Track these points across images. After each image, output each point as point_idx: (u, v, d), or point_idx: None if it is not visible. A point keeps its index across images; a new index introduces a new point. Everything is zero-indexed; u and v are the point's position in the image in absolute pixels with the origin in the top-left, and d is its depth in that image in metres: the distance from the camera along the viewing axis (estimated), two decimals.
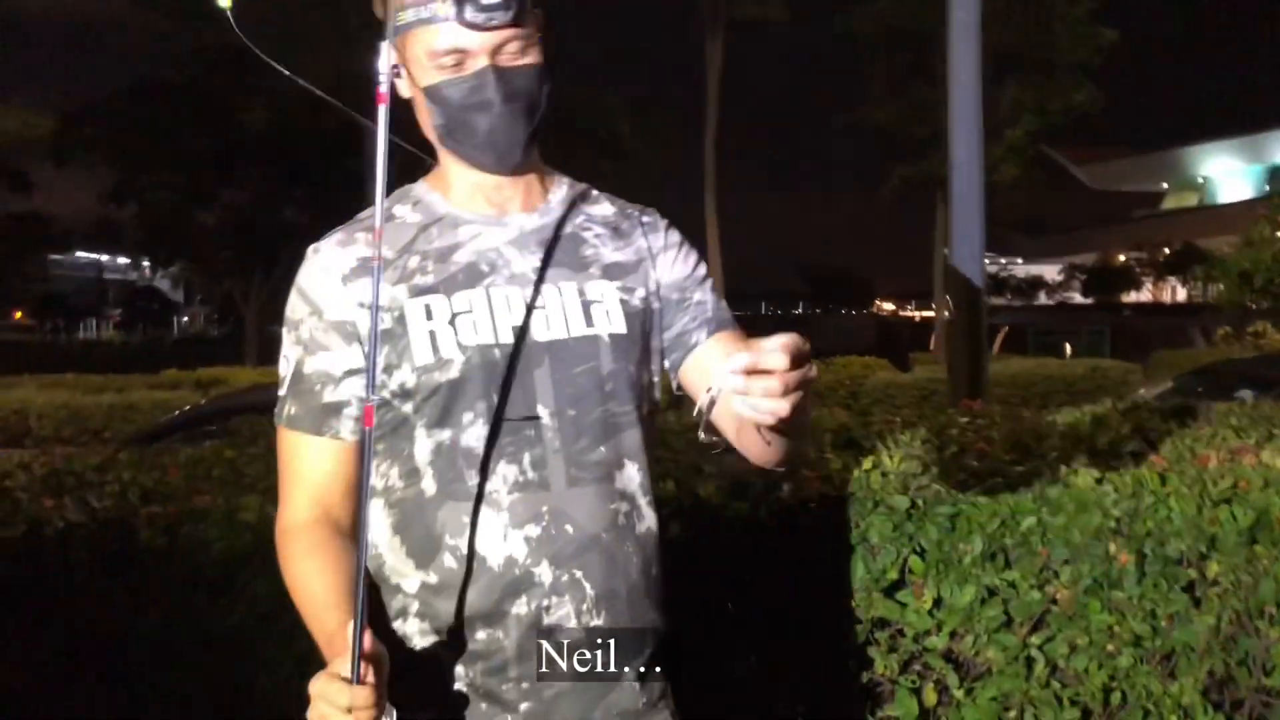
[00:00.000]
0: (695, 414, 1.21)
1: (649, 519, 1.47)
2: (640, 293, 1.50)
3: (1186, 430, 3.18)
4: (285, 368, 1.48)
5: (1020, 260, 56.96)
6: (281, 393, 1.48)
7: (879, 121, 27.66)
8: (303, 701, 1.52)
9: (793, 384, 1.12)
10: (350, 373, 1.45)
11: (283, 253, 25.21)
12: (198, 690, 2.36)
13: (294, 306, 1.48)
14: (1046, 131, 27.58)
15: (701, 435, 1.24)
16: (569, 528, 1.39)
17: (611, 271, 1.50)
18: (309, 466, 1.45)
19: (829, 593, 2.57)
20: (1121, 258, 48.58)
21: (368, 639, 1.21)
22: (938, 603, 2.64)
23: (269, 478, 2.82)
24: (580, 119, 22.57)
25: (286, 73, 1.69)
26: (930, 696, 2.67)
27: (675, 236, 1.58)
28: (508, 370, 1.41)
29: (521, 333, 1.42)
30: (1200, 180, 50.78)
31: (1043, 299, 51.99)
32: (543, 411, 1.41)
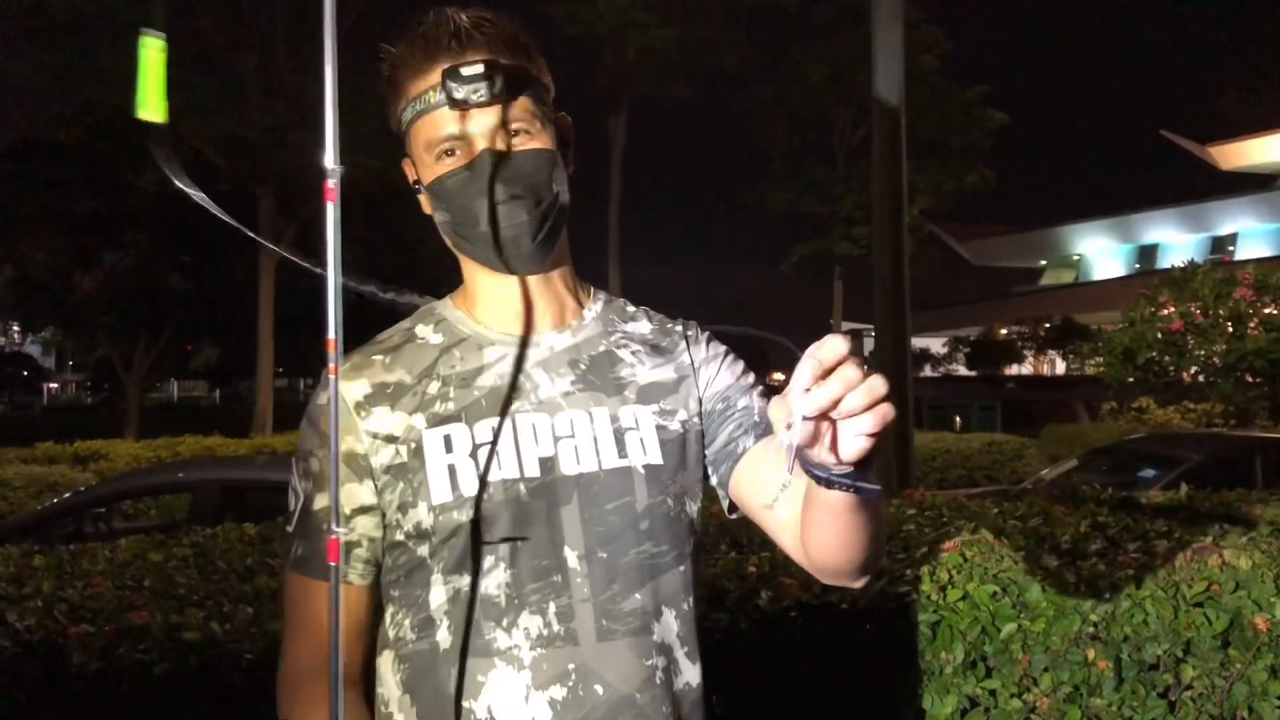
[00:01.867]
0: (787, 466, 0.98)
1: (688, 673, 1.31)
2: (680, 415, 1.37)
3: (1139, 524, 3.18)
4: (293, 502, 1.34)
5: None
6: (289, 529, 1.34)
7: (778, 200, 28.22)
8: None
9: (878, 394, 0.96)
10: (360, 510, 1.31)
11: (168, 319, 24.39)
12: None
13: (305, 436, 1.34)
14: (935, 211, 28.50)
15: (789, 469, 0.99)
16: (599, 688, 1.24)
17: (648, 394, 1.36)
18: (316, 613, 1.29)
19: (813, 704, 2.47)
20: (1004, 331, 50.21)
21: None
22: (919, 716, 2.57)
23: (205, 587, 2.63)
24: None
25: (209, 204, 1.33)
26: None
27: (719, 348, 1.45)
28: (533, 508, 1.27)
29: (548, 465, 1.29)
30: (1076, 257, 52.96)
31: (928, 371, 53.32)
32: (570, 555, 1.27)
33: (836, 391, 0.94)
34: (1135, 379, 17.99)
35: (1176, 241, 43.77)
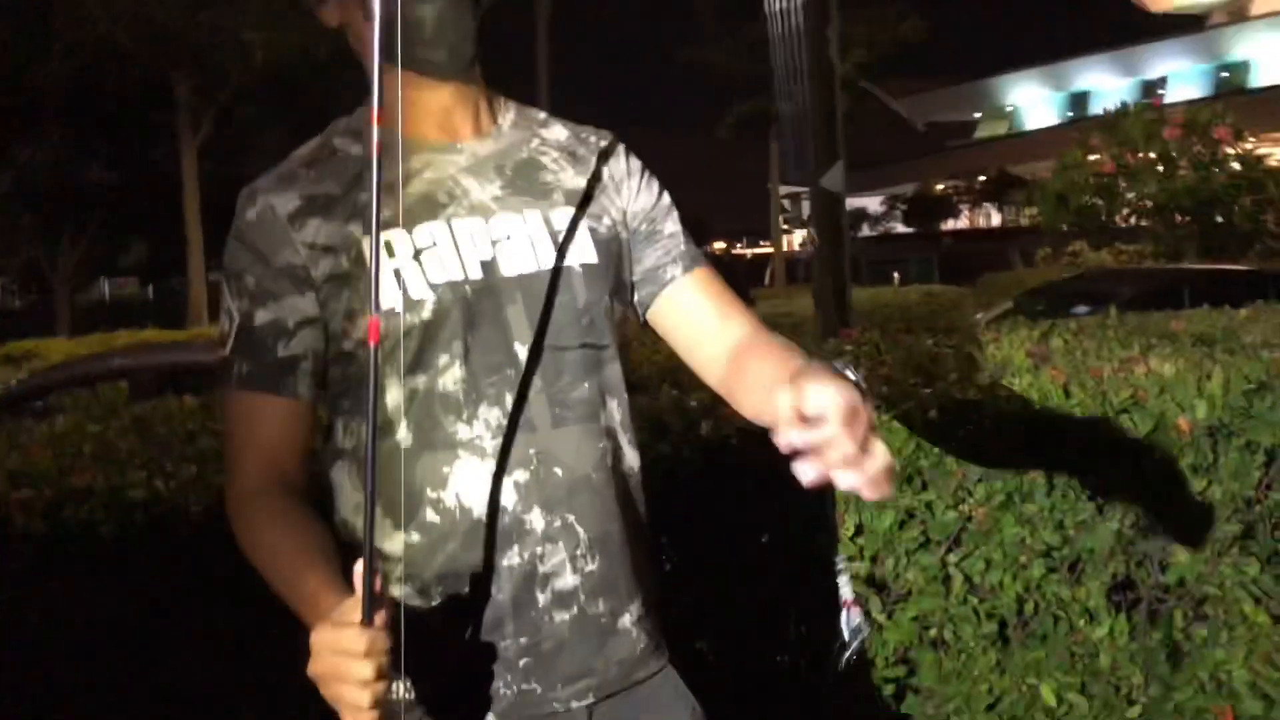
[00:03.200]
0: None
1: (630, 457, 1.40)
2: (606, 220, 1.41)
3: (1070, 344, 3.27)
4: (227, 324, 1.34)
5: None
6: (226, 352, 1.34)
7: (713, 60, 27.71)
8: (213, 687, 1.37)
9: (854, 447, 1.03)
10: (304, 323, 1.32)
11: (91, 215, 23.69)
12: (92, 683, 2.17)
13: (234, 256, 1.34)
14: (869, 65, 28.23)
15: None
16: (558, 470, 1.31)
17: (575, 198, 1.39)
18: (264, 429, 1.32)
19: (756, 527, 2.55)
20: (940, 187, 50.46)
21: (378, 579, 1.09)
22: (859, 529, 2.65)
23: (145, 452, 2.61)
24: None
25: None
26: None
27: (636, 163, 1.47)
28: (480, 307, 1.31)
29: (489, 267, 1.32)
30: (1009, 108, 53.02)
31: (866, 230, 53.61)
32: (521, 350, 1.32)
33: (820, 442, 1.02)
34: (1069, 225, 18.26)
35: (1108, 87, 43.85)
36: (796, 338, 4.29)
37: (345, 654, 1.05)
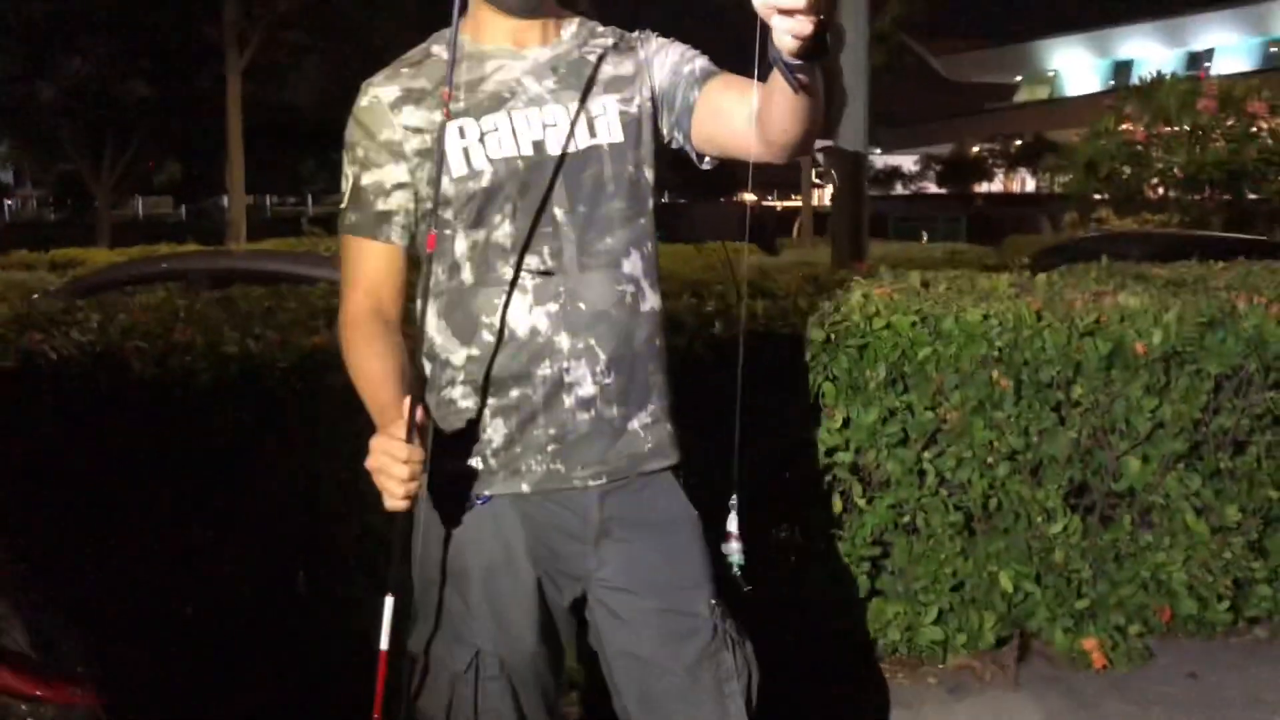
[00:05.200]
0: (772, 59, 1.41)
1: (651, 299, 1.74)
2: (637, 100, 1.74)
3: (1052, 280, 3.60)
4: (345, 184, 1.73)
5: (879, 150, 58.15)
6: (342, 206, 1.73)
7: (742, 2, 27.54)
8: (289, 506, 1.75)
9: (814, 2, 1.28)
10: (399, 186, 1.70)
11: (134, 130, 24.03)
12: (191, 502, 2.58)
13: (351, 131, 1.72)
14: (909, 20, 28.06)
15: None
16: (582, 305, 1.67)
17: (612, 86, 1.74)
18: (367, 267, 1.71)
19: (760, 416, 2.91)
20: (975, 149, 50.12)
21: (419, 412, 1.50)
22: (846, 422, 3.02)
23: (231, 320, 3.01)
24: None
25: None
26: (837, 505, 3.08)
27: (665, 39, 1.81)
28: (528, 178, 1.67)
29: (539, 146, 1.68)
30: (1051, 73, 52.44)
31: (899, 189, 53.41)
32: (558, 211, 1.68)
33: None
34: (1098, 192, 18.39)
35: (1153, 57, 43.29)
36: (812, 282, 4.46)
37: (391, 457, 1.48)
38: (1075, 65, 51.27)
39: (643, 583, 1.73)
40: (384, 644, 1.57)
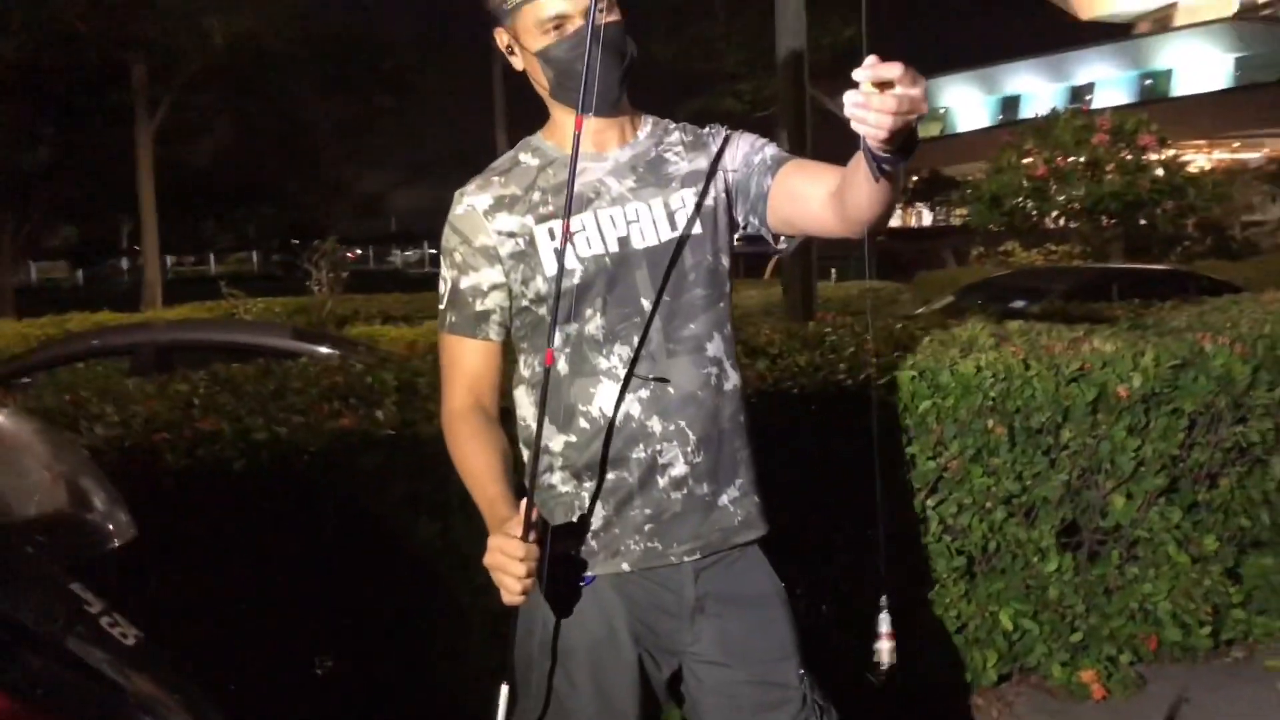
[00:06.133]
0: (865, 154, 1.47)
1: (734, 378, 1.84)
2: (712, 193, 1.84)
3: (1024, 327, 3.78)
4: (444, 287, 1.82)
5: None
6: (441, 307, 1.82)
7: (662, 57, 28.09)
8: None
9: (905, 105, 1.36)
10: (494, 287, 1.80)
11: (37, 196, 23.42)
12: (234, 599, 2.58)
13: (447, 238, 1.82)
14: (813, 68, 28.77)
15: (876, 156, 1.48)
16: (671, 389, 1.76)
17: (689, 180, 1.83)
18: (466, 363, 1.80)
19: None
20: None
21: (535, 510, 1.59)
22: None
23: (245, 404, 3.01)
24: (359, 53, 22.00)
25: None
26: None
27: (734, 132, 1.91)
28: (616, 273, 1.77)
29: (624, 243, 1.78)
30: (942, 110, 54.15)
31: None
32: (645, 303, 1.78)
33: (873, 105, 1.37)
34: (1002, 225, 19.07)
35: (1038, 92, 45.04)
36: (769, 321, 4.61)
37: (509, 555, 1.56)
38: (965, 101, 53.00)
39: (735, 655, 1.81)
40: None
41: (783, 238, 1.87)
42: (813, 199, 1.76)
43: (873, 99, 1.36)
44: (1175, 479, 3.41)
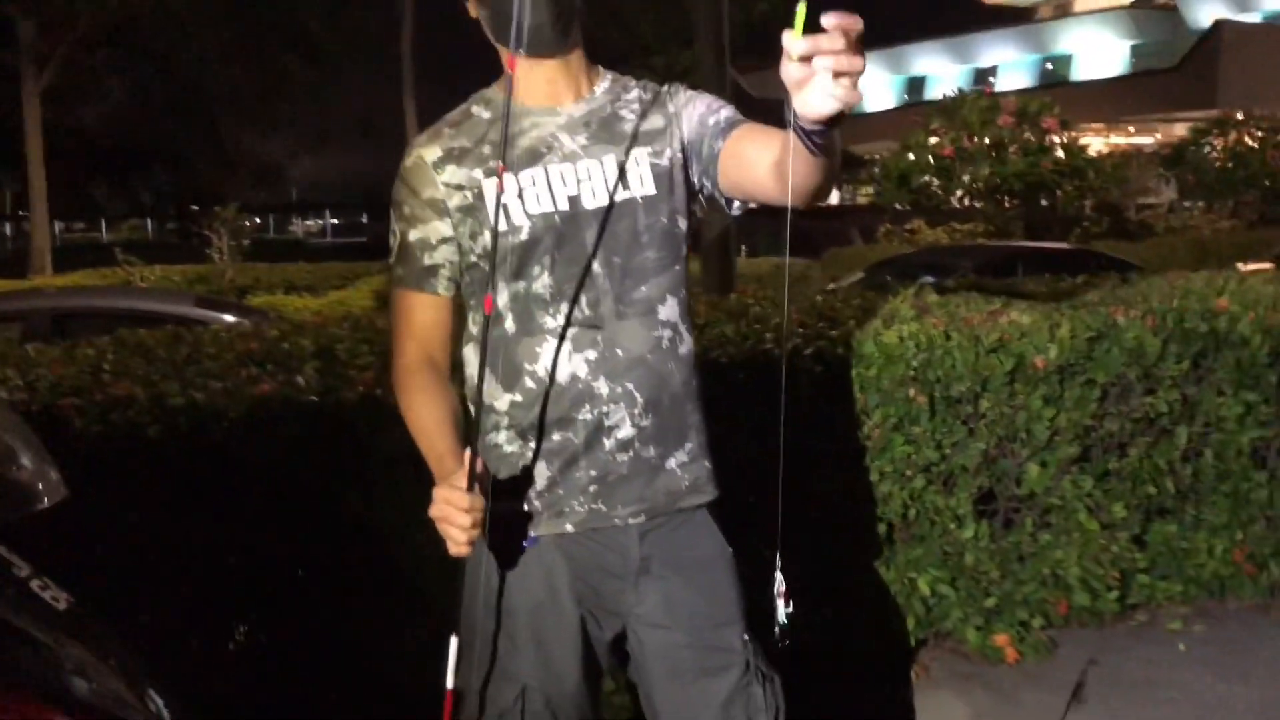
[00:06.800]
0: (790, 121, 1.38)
1: (687, 342, 1.81)
2: (668, 153, 1.79)
3: (943, 300, 3.83)
4: (393, 241, 1.77)
5: None
6: (391, 261, 1.77)
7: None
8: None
9: (846, 67, 1.25)
10: (443, 240, 1.75)
11: None
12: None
13: (397, 190, 1.76)
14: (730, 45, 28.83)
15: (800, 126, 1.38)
16: (619, 351, 1.73)
17: (644, 139, 1.79)
18: (416, 318, 1.76)
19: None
20: None
21: (479, 462, 1.54)
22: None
23: (159, 369, 2.90)
24: (263, 13, 21.34)
25: None
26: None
27: (692, 92, 1.86)
28: (565, 231, 1.73)
29: (574, 201, 1.73)
30: None
31: None
32: (595, 263, 1.73)
33: (825, 45, 1.25)
34: (907, 203, 19.41)
35: (943, 73, 45.79)
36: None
37: (454, 506, 1.52)
38: (872, 81, 53.55)
39: (678, 618, 1.80)
40: (450, 683, 1.60)
41: (735, 202, 1.83)
42: (759, 165, 1.71)
43: (825, 77, 1.28)
44: (1087, 448, 3.50)
